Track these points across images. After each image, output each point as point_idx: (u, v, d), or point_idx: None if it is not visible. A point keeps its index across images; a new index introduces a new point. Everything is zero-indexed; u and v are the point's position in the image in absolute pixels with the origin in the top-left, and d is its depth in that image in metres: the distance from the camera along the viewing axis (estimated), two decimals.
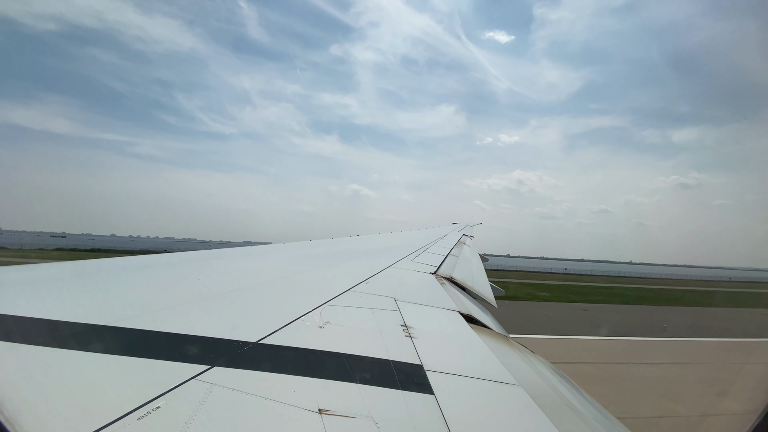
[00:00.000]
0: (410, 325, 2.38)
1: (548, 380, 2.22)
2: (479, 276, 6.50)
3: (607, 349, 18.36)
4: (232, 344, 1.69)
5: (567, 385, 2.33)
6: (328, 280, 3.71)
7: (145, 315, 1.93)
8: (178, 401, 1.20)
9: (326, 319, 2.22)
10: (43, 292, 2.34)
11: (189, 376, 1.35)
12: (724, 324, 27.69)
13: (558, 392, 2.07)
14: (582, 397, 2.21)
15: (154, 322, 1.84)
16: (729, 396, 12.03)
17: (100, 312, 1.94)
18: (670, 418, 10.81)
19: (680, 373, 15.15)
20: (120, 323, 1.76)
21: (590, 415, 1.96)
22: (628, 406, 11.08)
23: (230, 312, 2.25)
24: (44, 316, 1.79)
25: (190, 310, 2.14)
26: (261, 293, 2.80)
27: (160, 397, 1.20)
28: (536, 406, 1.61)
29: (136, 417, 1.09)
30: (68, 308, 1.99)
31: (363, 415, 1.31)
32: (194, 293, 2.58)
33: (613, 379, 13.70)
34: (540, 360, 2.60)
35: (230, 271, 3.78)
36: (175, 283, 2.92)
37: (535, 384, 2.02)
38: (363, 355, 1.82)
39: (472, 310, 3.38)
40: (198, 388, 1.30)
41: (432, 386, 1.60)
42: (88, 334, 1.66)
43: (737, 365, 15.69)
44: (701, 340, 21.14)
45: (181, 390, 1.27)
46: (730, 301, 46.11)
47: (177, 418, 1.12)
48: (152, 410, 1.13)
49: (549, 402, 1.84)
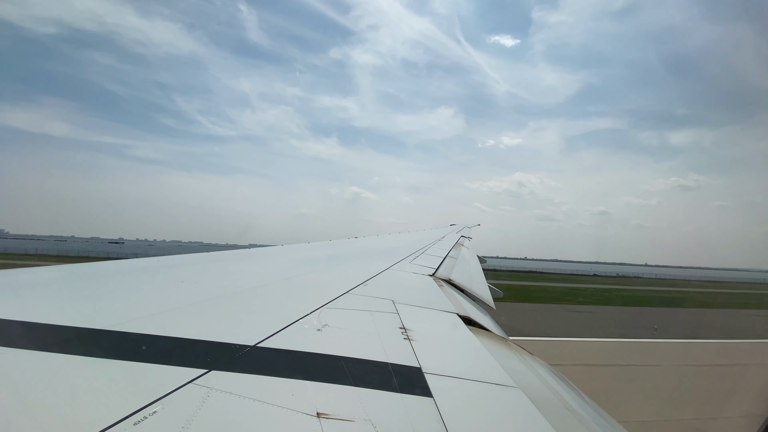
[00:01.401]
0: (408, 328, 2.37)
1: (547, 382, 2.22)
2: (477, 278, 6.50)
3: (608, 351, 18.32)
4: (230, 348, 1.68)
5: (566, 387, 2.33)
6: (327, 282, 3.70)
7: (142, 319, 1.92)
8: (175, 405, 1.19)
9: (324, 322, 2.21)
10: (37, 296, 2.32)
11: (186, 380, 1.34)
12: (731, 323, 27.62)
13: (557, 394, 2.06)
14: (581, 400, 2.20)
15: (151, 325, 1.82)
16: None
17: (96, 316, 1.93)
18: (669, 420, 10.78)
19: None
20: (116, 327, 1.75)
21: (590, 417, 1.96)
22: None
23: (228, 315, 2.23)
24: (39, 320, 1.78)
25: (187, 314, 2.13)
26: (259, 296, 2.78)
27: (157, 402, 1.19)
28: (535, 409, 1.61)
29: (133, 422, 1.08)
30: (63, 312, 1.97)
31: (361, 419, 1.30)
32: (191, 296, 2.57)
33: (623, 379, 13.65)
34: (539, 362, 2.60)
35: (227, 274, 3.77)
36: (172, 286, 2.91)
37: (533, 386, 2.01)
38: (361, 359, 1.81)
39: (470, 312, 3.38)
40: (195, 392, 1.28)
41: (431, 389, 1.59)
42: (84, 338, 1.64)
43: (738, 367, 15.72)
44: (697, 342, 21.15)
45: (179, 394, 1.25)
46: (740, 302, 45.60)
47: (174, 422, 1.11)
48: (149, 415, 1.12)
49: (548, 404, 1.84)
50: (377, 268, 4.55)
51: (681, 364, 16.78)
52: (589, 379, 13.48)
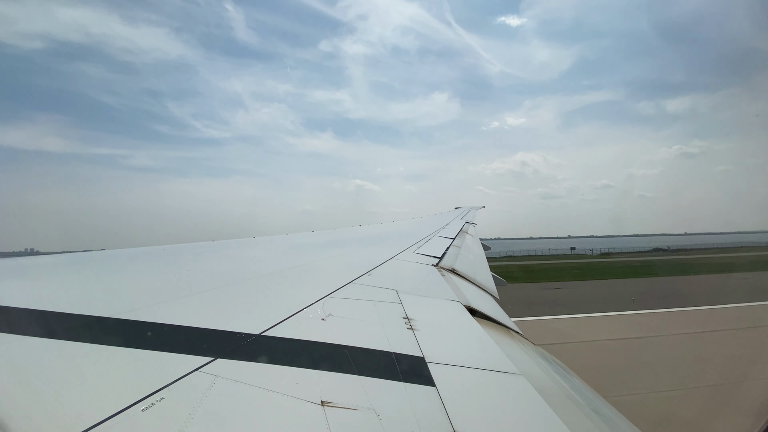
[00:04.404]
0: (412, 318, 2.39)
1: (550, 371, 2.23)
2: (481, 266, 6.51)
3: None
4: (235, 336, 1.70)
5: (568, 376, 2.35)
6: (331, 271, 3.73)
7: (149, 307, 1.94)
8: (181, 393, 1.21)
9: (329, 312, 2.23)
10: (48, 284, 2.36)
11: (193, 368, 1.36)
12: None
13: (558, 383, 2.08)
14: (583, 388, 2.22)
15: (158, 314, 1.85)
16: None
17: (104, 304, 1.96)
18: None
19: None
20: (124, 315, 1.78)
21: (591, 405, 1.97)
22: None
23: (233, 304, 2.26)
24: (50, 309, 1.81)
25: (193, 302, 2.15)
26: (264, 285, 2.81)
27: (164, 389, 1.21)
28: (538, 395, 1.62)
29: (141, 408, 1.10)
30: (72, 301, 2.00)
31: (365, 407, 1.32)
32: (197, 285, 2.60)
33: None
34: (542, 352, 2.62)
35: (233, 263, 3.80)
36: (178, 274, 2.94)
37: (537, 375, 2.03)
38: (365, 348, 1.83)
39: (473, 301, 3.39)
40: (201, 379, 1.31)
41: (433, 378, 1.61)
42: (93, 326, 1.67)
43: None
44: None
45: (185, 381, 1.28)
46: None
47: (181, 409, 1.14)
48: (156, 401, 1.14)
49: (551, 392, 1.85)
50: (381, 257, 4.57)
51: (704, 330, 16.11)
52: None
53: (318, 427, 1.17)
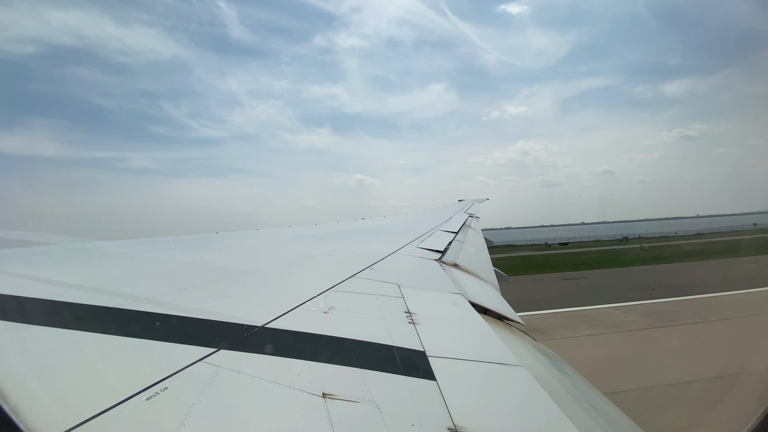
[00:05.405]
0: (413, 312, 2.40)
1: (550, 365, 2.25)
2: (483, 261, 6.51)
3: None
4: (239, 328, 1.72)
5: (568, 370, 2.36)
6: (334, 265, 3.74)
7: (153, 298, 1.96)
8: (185, 382, 1.23)
9: (331, 305, 2.25)
10: (54, 275, 2.39)
11: (196, 359, 1.38)
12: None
13: (558, 377, 2.09)
14: (582, 383, 2.24)
15: (162, 304, 1.87)
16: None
17: (110, 294, 1.98)
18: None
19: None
20: (129, 306, 1.80)
21: (591, 400, 1.99)
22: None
23: (236, 296, 2.28)
24: (56, 299, 1.83)
25: (197, 293, 2.17)
26: (267, 278, 2.83)
27: (167, 379, 1.23)
28: (539, 387, 1.63)
29: (145, 397, 1.12)
30: (78, 291, 2.03)
31: (366, 400, 1.33)
32: (201, 277, 2.62)
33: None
34: (542, 348, 2.63)
35: (236, 255, 3.82)
36: (181, 266, 2.96)
37: (537, 369, 2.04)
38: (367, 341, 1.85)
39: (475, 296, 3.40)
40: (204, 370, 1.32)
41: (434, 372, 1.62)
42: (98, 317, 1.70)
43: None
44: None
45: (188, 372, 1.29)
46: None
47: (184, 399, 1.15)
48: (160, 391, 1.16)
49: (551, 385, 1.87)
50: (384, 251, 4.57)
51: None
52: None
53: (319, 419, 1.19)
